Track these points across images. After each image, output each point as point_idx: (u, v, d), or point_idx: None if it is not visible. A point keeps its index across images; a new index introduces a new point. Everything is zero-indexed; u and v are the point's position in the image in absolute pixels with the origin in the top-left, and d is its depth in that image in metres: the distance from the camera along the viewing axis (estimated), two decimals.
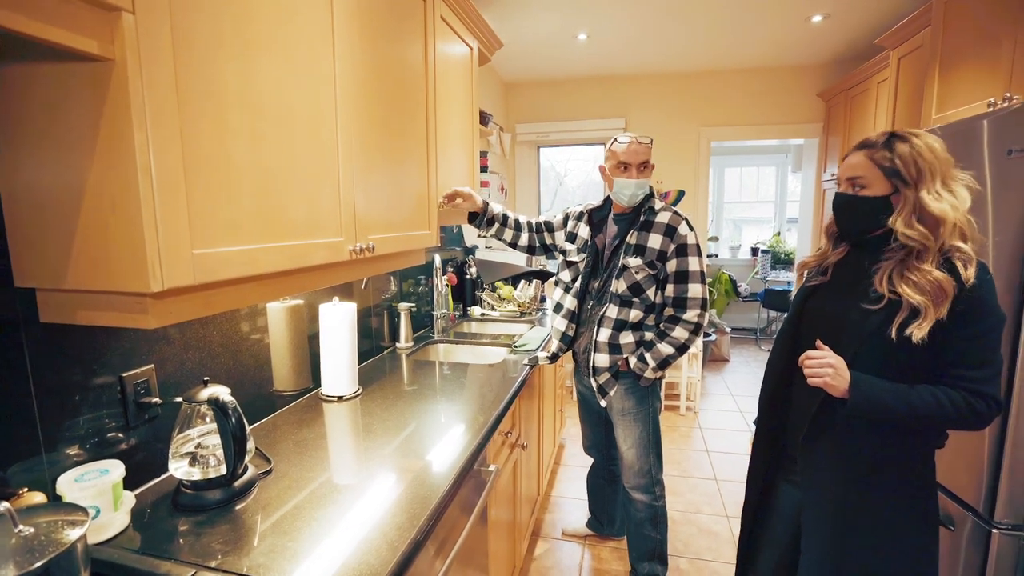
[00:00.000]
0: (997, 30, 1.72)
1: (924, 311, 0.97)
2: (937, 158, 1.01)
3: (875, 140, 1.07)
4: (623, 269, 1.72)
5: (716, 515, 2.48)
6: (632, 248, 1.71)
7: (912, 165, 1.01)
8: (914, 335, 0.97)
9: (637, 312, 1.73)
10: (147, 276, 0.72)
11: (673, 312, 1.71)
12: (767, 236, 6.18)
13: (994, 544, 1.33)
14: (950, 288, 0.96)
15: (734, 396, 4.08)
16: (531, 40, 3.22)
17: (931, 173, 1.01)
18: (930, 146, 1.02)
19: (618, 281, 1.73)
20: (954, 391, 0.98)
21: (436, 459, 1.19)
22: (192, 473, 0.98)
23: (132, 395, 1.01)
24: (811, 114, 3.82)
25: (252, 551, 0.86)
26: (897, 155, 1.03)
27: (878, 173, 1.05)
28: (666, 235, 1.69)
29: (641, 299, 1.72)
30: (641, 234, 1.72)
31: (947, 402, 0.98)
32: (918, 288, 0.97)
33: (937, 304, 0.96)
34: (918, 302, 0.97)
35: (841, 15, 2.84)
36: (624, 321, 1.74)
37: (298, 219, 1.05)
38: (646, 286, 1.71)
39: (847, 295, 1.11)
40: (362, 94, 1.28)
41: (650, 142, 1.74)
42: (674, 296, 1.70)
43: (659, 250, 1.69)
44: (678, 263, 1.68)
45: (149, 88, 0.68)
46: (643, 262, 1.70)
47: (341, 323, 1.52)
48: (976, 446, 1.38)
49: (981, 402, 0.97)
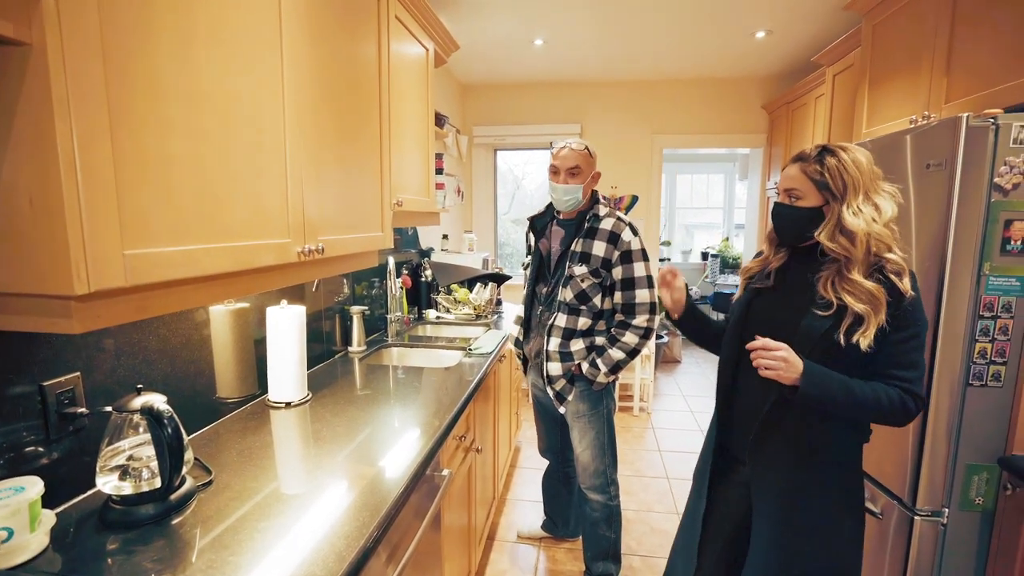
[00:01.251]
0: (918, 53, 1.86)
1: (867, 318, 1.03)
2: (861, 172, 1.07)
3: (809, 153, 1.13)
4: (569, 278, 1.73)
5: (667, 513, 2.55)
6: (577, 256, 1.72)
7: (839, 179, 1.07)
8: (861, 343, 1.03)
9: (585, 320, 1.75)
10: (71, 277, 0.67)
11: (623, 318, 1.73)
12: (716, 241, 6.43)
13: (916, 530, 1.43)
14: (882, 297, 1.02)
15: (685, 397, 4.21)
16: (488, 43, 3.23)
17: (855, 187, 1.06)
18: (856, 160, 1.08)
19: (565, 290, 1.74)
20: (890, 388, 1.05)
21: (387, 465, 1.17)
22: (122, 487, 0.92)
23: (54, 405, 0.93)
24: (756, 125, 4.00)
25: (189, 567, 0.82)
26: (826, 168, 1.08)
27: (811, 186, 1.11)
28: (610, 242, 1.70)
29: (588, 307, 1.74)
30: (586, 241, 1.72)
31: (885, 398, 1.04)
32: (857, 298, 1.04)
33: (876, 312, 1.03)
34: (861, 310, 1.03)
35: (782, 32, 3.00)
36: (572, 329, 1.76)
37: (243, 219, 1.01)
38: (592, 294, 1.73)
39: (794, 301, 1.15)
40: (312, 92, 1.24)
41: (585, 149, 1.72)
42: (623, 303, 1.72)
43: (603, 257, 1.70)
44: (624, 270, 1.70)
45: (73, 76, 0.64)
46: (588, 270, 1.71)
47: (289, 326, 1.47)
48: (902, 441, 1.48)
49: (911, 400, 1.05)
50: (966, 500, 1.42)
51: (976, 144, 1.32)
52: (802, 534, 1.14)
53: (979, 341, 1.36)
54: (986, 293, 1.35)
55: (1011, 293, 1.34)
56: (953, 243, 1.35)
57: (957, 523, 1.43)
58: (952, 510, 1.42)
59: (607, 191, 4.11)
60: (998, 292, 1.35)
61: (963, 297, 1.36)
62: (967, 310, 1.36)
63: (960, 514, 1.42)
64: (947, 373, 1.38)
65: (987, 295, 1.35)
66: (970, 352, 1.37)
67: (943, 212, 1.36)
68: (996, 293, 1.35)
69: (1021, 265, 1.33)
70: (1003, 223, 1.32)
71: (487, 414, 2.10)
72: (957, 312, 1.36)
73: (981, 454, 1.40)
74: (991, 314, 1.35)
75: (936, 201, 1.39)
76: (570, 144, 1.73)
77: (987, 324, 1.36)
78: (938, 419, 1.40)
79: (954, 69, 1.69)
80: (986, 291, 1.35)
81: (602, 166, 4.34)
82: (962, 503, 1.42)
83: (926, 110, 1.80)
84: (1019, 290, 1.34)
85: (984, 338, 1.36)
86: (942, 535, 1.43)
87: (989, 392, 1.38)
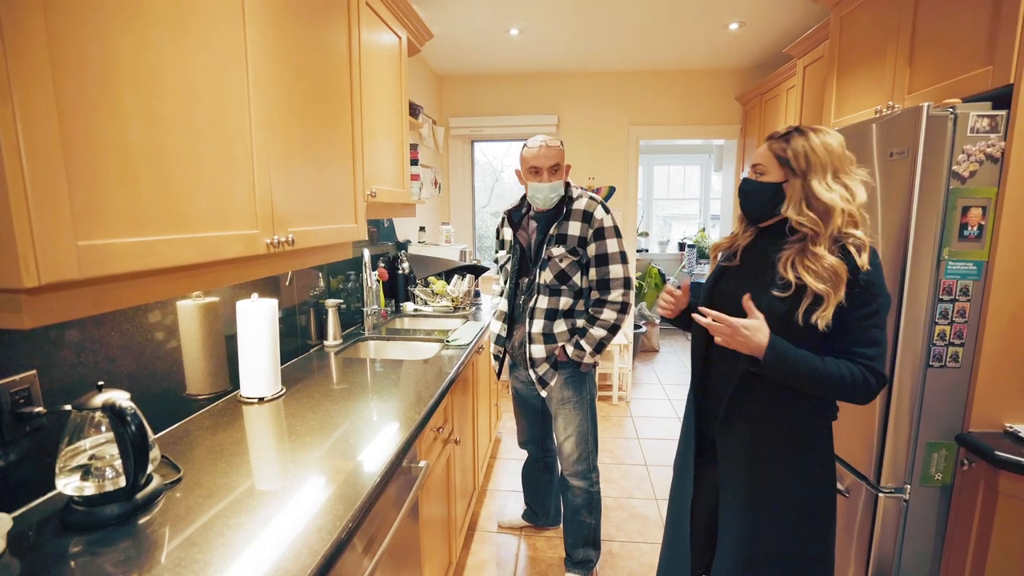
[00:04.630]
0: (883, 44, 1.90)
1: (826, 298, 1.04)
2: (831, 154, 1.09)
3: (779, 133, 1.15)
4: (547, 260, 1.75)
5: (646, 499, 2.59)
6: (554, 239, 1.75)
7: (802, 157, 1.09)
8: (819, 323, 1.05)
9: (567, 299, 1.77)
10: (19, 269, 0.64)
11: (599, 295, 1.75)
12: (693, 232, 6.52)
13: (880, 506, 1.49)
14: (843, 272, 1.05)
15: (663, 385, 4.28)
16: (463, 33, 3.19)
17: (821, 167, 1.08)
18: (825, 143, 1.09)
19: (544, 272, 1.76)
20: (852, 364, 1.07)
21: (362, 458, 1.16)
22: (84, 488, 0.89)
23: (8, 405, 0.90)
24: (730, 116, 4.05)
25: (156, 567, 0.80)
26: (791, 147, 1.11)
27: (774, 161, 1.13)
28: (584, 221, 1.73)
29: (568, 286, 1.76)
30: (562, 223, 1.75)
31: (847, 373, 1.07)
32: (818, 276, 1.05)
33: (836, 290, 1.04)
34: (820, 290, 1.05)
35: (755, 24, 3.03)
36: (555, 310, 1.77)
37: (208, 209, 0.98)
38: (571, 272, 1.75)
39: (755, 281, 1.17)
40: (278, 79, 1.21)
41: (559, 144, 1.75)
42: (597, 279, 1.74)
43: (579, 236, 1.73)
44: (597, 246, 1.72)
45: (13, 56, 0.61)
46: (566, 250, 1.73)
47: (260, 320, 1.44)
48: (868, 421, 1.53)
49: (872, 377, 1.07)
50: (927, 476, 1.47)
51: (936, 133, 1.35)
52: (768, 512, 1.17)
53: (939, 324, 1.41)
54: (945, 277, 1.40)
55: (968, 277, 1.39)
56: (915, 229, 1.39)
57: (918, 498, 1.48)
58: (913, 486, 1.48)
59: (584, 182, 4.12)
60: (956, 276, 1.39)
61: (924, 281, 1.40)
62: (927, 294, 1.40)
63: (921, 489, 1.48)
64: (909, 355, 1.43)
65: (946, 279, 1.40)
66: (930, 334, 1.42)
67: (906, 199, 1.40)
68: (954, 277, 1.39)
69: (977, 250, 1.38)
70: (961, 209, 1.37)
71: (466, 406, 2.09)
72: (919, 296, 1.41)
73: (940, 432, 1.45)
74: (950, 297, 1.40)
75: (899, 188, 1.43)
76: (546, 142, 1.73)
77: (946, 307, 1.41)
78: (900, 399, 1.45)
79: (917, 60, 1.73)
80: (945, 275, 1.39)
81: (579, 157, 4.31)
82: (923, 479, 1.48)
83: (891, 100, 1.84)
84: (976, 274, 1.39)
85: (943, 321, 1.41)
86: (904, 510, 1.49)
87: (948, 373, 1.43)
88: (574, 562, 2.00)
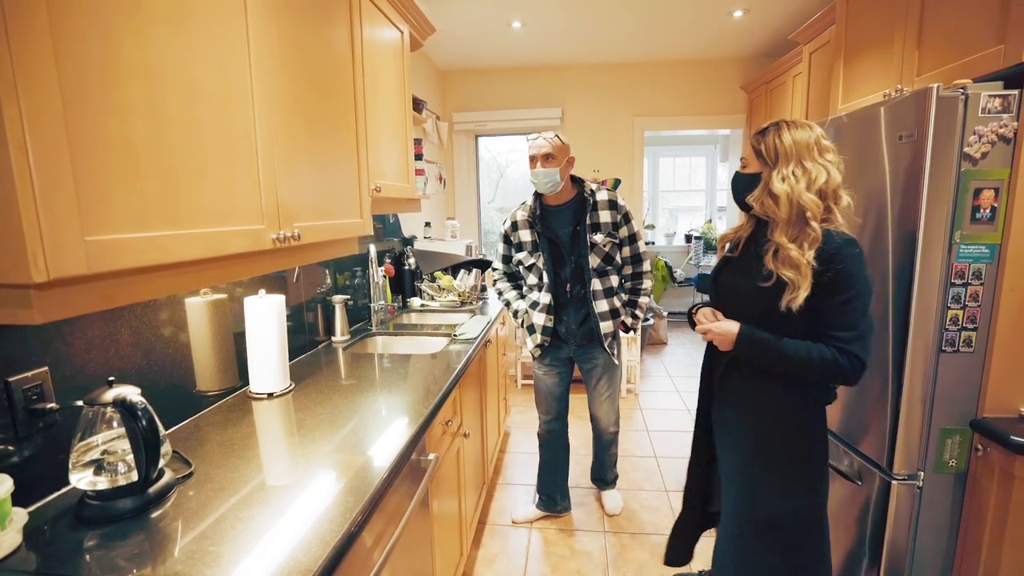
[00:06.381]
0: (890, 27, 1.87)
1: (793, 285, 1.13)
2: (797, 145, 1.16)
3: (762, 127, 1.24)
4: (592, 246, 2.02)
5: (656, 491, 2.59)
6: (591, 227, 2.02)
7: (772, 150, 1.18)
8: (793, 305, 1.13)
9: (615, 277, 2.11)
10: (28, 264, 0.65)
11: (633, 268, 2.12)
12: (700, 223, 6.47)
13: (894, 493, 1.47)
14: (801, 261, 1.12)
15: (672, 377, 4.26)
16: (466, 27, 3.18)
17: (787, 156, 1.17)
18: (795, 136, 1.17)
19: (592, 256, 2.03)
20: (825, 347, 1.15)
21: (372, 452, 1.16)
22: (98, 482, 0.90)
23: (21, 401, 0.91)
24: (735, 106, 4.01)
25: (169, 559, 0.81)
26: (764, 140, 1.20)
27: (752, 154, 1.23)
28: (611, 209, 2.04)
29: (613, 265, 2.09)
30: (592, 214, 2.02)
31: (816, 354, 1.14)
32: (787, 264, 1.14)
33: (801, 278, 1.12)
34: (786, 277, 1.13)
35: (759, 10, 3.00)
36: (610, 288, 2.09)
37: (213, 204, 0.98)
38: (613, 253, 2.07)
39: (747, 271, 1.26)
40: (281, 75, 1.21)
41: (555, 138, 1.98)
42: (631, 254, 2.11)
43: (612, 222, 2.04)
44: (627, 228, 2.07)
45: (19, 53, 0.61)
46: (604, 235, 2.03)
47: (268, 316, 1.45)
48: (880, 408, 1.51)
49: (846, 359, 1.13)
50: (940, 463, 1.46)
51: (946, 115, 1.33)
52: (760, 486, 1.28)
53: (951, 308, 1.39)
54: (957, 261, 1.37)
55: (981, 260, 1.37)
56: (925, 212, 1.36)
57: (932, 485, 1.47)
58: (927, 473, 1.46)
59: (590, 175, 4.10)
60: (968, 260, 1.37)
61: (935, 265, 1.38)
62: (939, 278, 1.38)
63: (935, 476, 1.46)
64: (921, 340, 1.41)
65: (958, 263, 1.37)
66: (943, 319, 1.40)
67: (915, 182, 1.38)
68: (967, 260, 1.37)
69: (990, 232, 1.36)
70: (973, 192, 1.35)
71: (474, 400, 2.10)
72: (930, 280, 1.39)
73: (954, 418, 1.44)
74: (962, 281, 1.38)
75: (909, 172, 1.40)
76: (543, 135, 1.99)
77: (959, 291, 1.38)
78: (913, 385, 1.43)
79: (925, 42, 1.70)
80: (957, 259, 1.37)
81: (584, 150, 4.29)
82: (937, 465, 1.46)
83: (899, 84, 1.81)
84: (988, 257, 1.37)
85: (956, 305, 1.39)
86: (918, 497, 1.47)
87: (961, 358, 1.41)
88: (608, 481, 2.44)
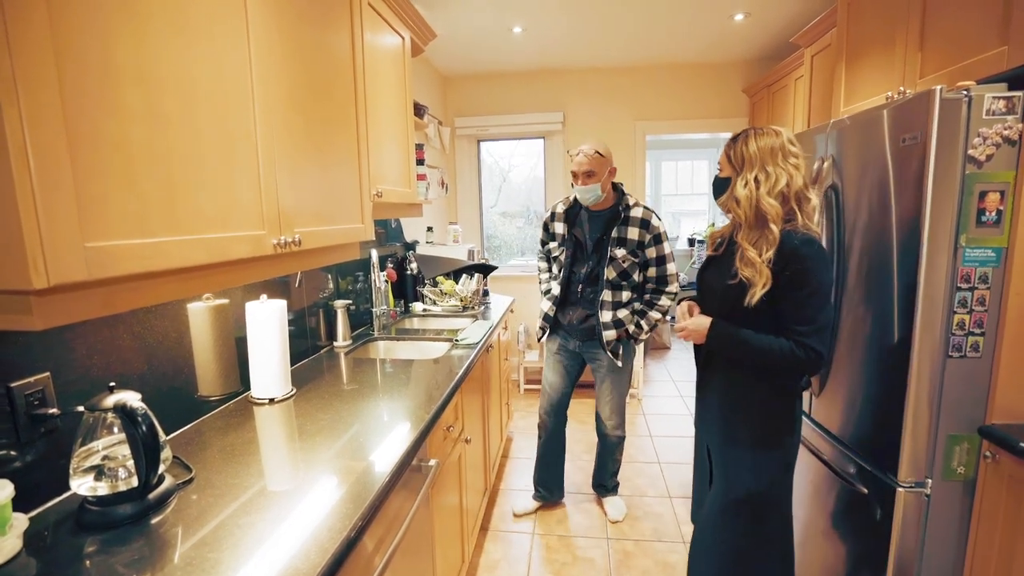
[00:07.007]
0: (892, 29, 1.87)
1: (751, 282, 1.25)
2: (761, 151, 1.27)
3: (734, 135, 1.35)
4: (611, 259, 2.07)
5: (660, 497, 2.57)
6: (615, 241, 2.07)
7: (739, 156, 1.30)
8: (752, 302, 1.25)
9: (627, 293, 2.14)
10: (28, 270, 0.65)
11: (657, 287, 2.15)
12: (703, 227, 6.45)
13: (900, 501, 1.45)
14: (757, 260, 1.24)
15: (675, 382, 4.24)
16: (466, 32, 3.19)
17: (751, 162, 1.28)
18: (760, 143, 1.28)
19: (609, 269, 2.08)
20: (785, 340, 1.27)
21: (372, 458, 1.16)
22: (98, 488, 0.90)
23: (23, 407, 0.91)
24: (737, 109, 4.01)
25: (168, 565, 0.80)
26: (735, 147, 1.31)
27: (726, 160, 1.35)
28: (642, 227, 2.07)
29: (628, 282, 2.12)
30: (621, 228, 2.07)
31: (776, 347, 1.27)
32: (745, 263, 1.26)
33: (758, 276, 1.23)
34: (745, 276, 1.25)
35: (760, 13, 3.00)
36: (619, 302, 2.13)
37: (214, 210, 0.99)
38: (631, 271, 2.10)
39: (724, 270, 1.36)
40: (282, 79, 1.21)
41: (593, 152, 2.01)
42: (657, 276, 2.13)
43: (637, 240, 2.07)
44: (657, 249, 2.09)
45: (19, 56, 0.61)
46: (627, 252, 2.06)
47: (269, 321, 1.45)
48: (885, 414, 1.49)
49: (802, 351, 1.25)
50: (948, 470, 1.44)
51: (950, 117, 1.32)
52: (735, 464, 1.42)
53: (957, 312, 1.38)
54: (963, 264, 1.36)
55: (987, 264, 1.36)
56: (930, 216, 1.35)
57: (940, 493, 1.45)
58: (935, 480, 1.44)
59: None
60: (975, 263, 1.36)
61: (941, 269, 1.36)
62: (944, 282, 1.37)
63: (943, 484, 1.44)
64: (927, 345, 1.39)
65: (964, 266, 1.36)
66: (949, 324, 1.38)
67: (919, 185, 1.37)
68: (973, 264, 1.36)
69: (996, 236, 1.34)
70: (978, 194, 1.33)
71: (476, 405, 2.09)
72: (935, 284, 1.37)
73: (962, 424, 1.42)
74: (968, 285, 1.36)
75: (912, 175, 1.39)
76: (583, 150, 2.02)
77: (965, 295, 1.37)
78: (919, 391, 1.41)
79: (927, 44, 1.70)
80: (963, 263, 1.36)
81: None
82: (945, 473, 1.44)
83: (902, 86, 1.80)
84: (995, 260, 1.35)
85: (962, 309, 1.37)
86: (926, 505, 1.45)
87: (968, 363, 1.40)
88: (609, 488, 2.46)
